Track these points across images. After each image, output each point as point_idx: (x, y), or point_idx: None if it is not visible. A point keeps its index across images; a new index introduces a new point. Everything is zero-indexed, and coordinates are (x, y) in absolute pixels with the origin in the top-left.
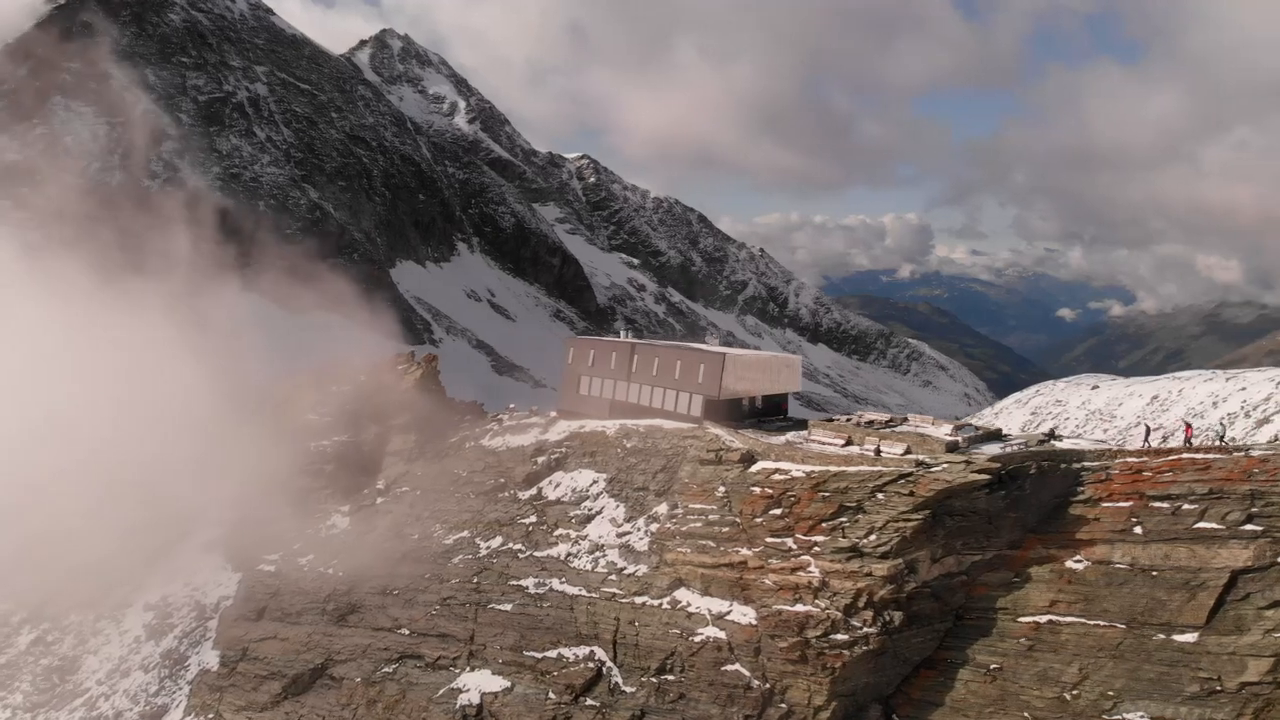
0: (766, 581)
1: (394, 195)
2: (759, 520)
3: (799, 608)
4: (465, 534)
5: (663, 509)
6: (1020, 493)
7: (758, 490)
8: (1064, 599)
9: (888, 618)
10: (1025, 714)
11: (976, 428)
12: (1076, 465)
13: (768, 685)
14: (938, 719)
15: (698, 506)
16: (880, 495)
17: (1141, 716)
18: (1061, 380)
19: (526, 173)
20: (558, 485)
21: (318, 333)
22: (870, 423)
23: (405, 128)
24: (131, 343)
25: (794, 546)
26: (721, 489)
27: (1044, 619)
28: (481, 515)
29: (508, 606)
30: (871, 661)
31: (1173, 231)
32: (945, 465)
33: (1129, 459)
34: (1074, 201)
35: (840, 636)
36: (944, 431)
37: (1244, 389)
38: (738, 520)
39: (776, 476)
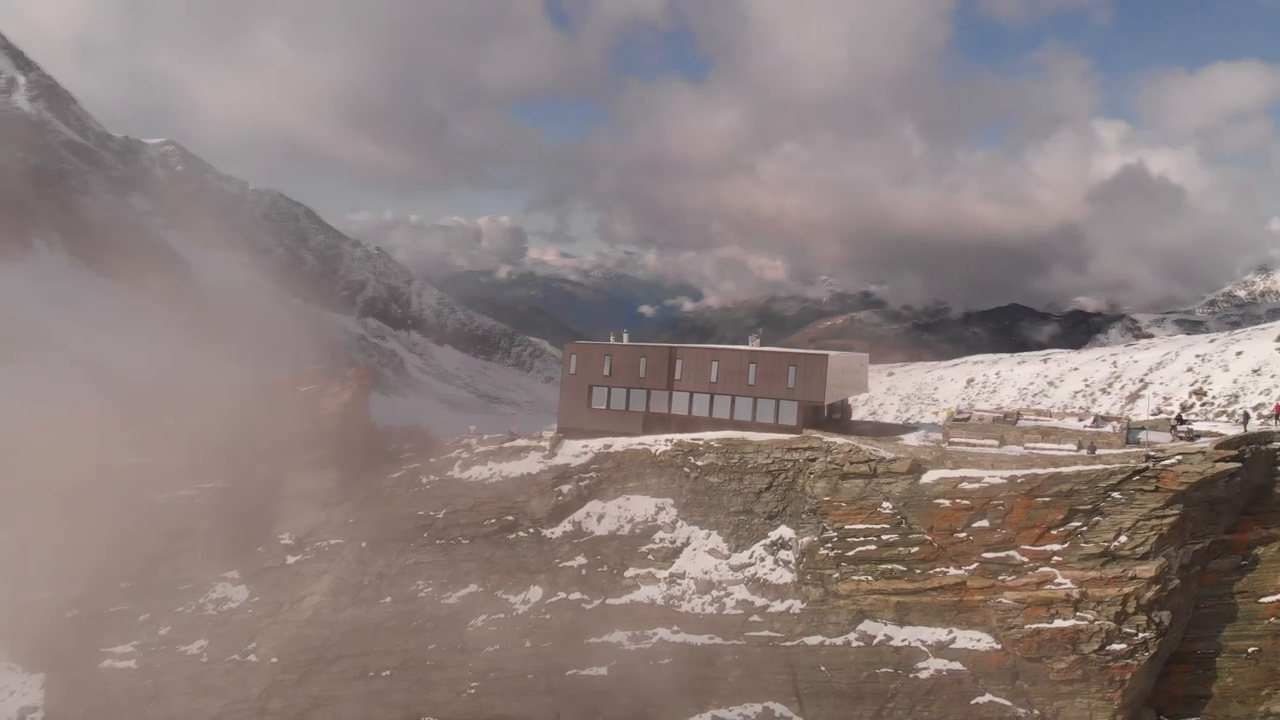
0: (1003, 601)
1: None
2: (961, 535)
3: (1059, 623)
4: (474, 588)
5: (785, 533)
6: (1245, 478)
7: (947, 503)
8: None
9: (1158, 619)
10: None
11: (1102, 418)
12: (1273, 446)
13: (1036, 712)
14: (1211, 710)
15: (860, 527)
16: (1116, 494)
17: None
18: None
19: (105, 159)
20: (602, 517)
21: None
22: (1005, 417)
23: None
24: None
25: (1024, 560)
26: (887, 505)
27: None
28: (493, 563)
29: (602, 670)
30: (1151, 666)
31: (731, 235)
32: (1180, 457)
33: None
34: (650, 207)
35: (1118, 646)
36: (1083, 424)
37: (1075, 369)
38: (928, 538)
39: (966, 485)
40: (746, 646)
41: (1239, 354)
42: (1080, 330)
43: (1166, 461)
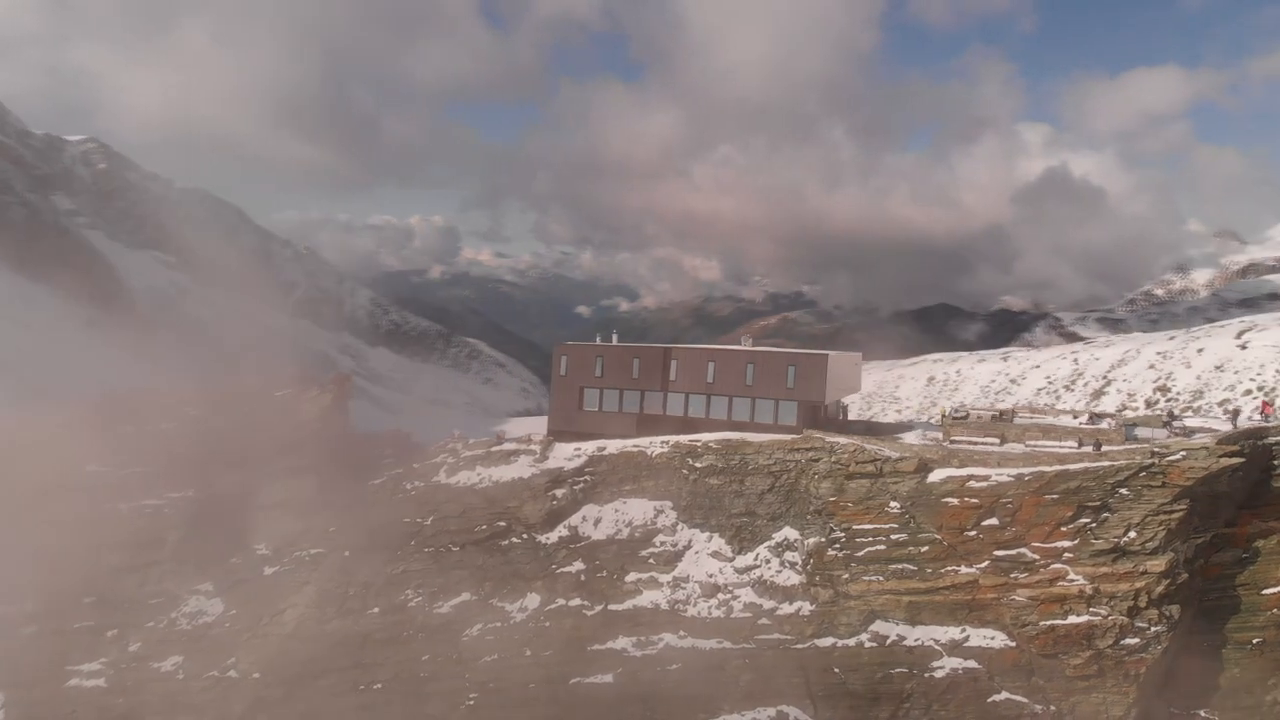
0: (1017, 598)
1: None
2: (971, 533)
3: (1073, 619)
4: (467, 596)
5: (790, 534)
6: (1244, 473)
7: (955, 501)
8: None
9: (1168, 613)
10: None
11: (1097, 414)
12: (1269, 441)
13: (1052, 708)
14: (1220, 701)
15: (868, 527)
16: (1124, 491)
17: None
18: None
19: (25, 157)
20: (598, 521)
21: None
22: (1001, 415)
23: None
24: None
25: (1036, 557)
26: (894, 504)
27: None
28: (486, 571)
29: (607, 678)
30: (1163, 660)
31: (666, 236)
32: (1185, 453)
33: None
34: (586, 208)
35: (1132, 641)
36: (1076, 421)
37: (1037, 366)
38: (938, 537)
39: (974, 484)
40: (757, 650)
41: (1200, 351)
42: (1006, 329)
43: (1172, 457)
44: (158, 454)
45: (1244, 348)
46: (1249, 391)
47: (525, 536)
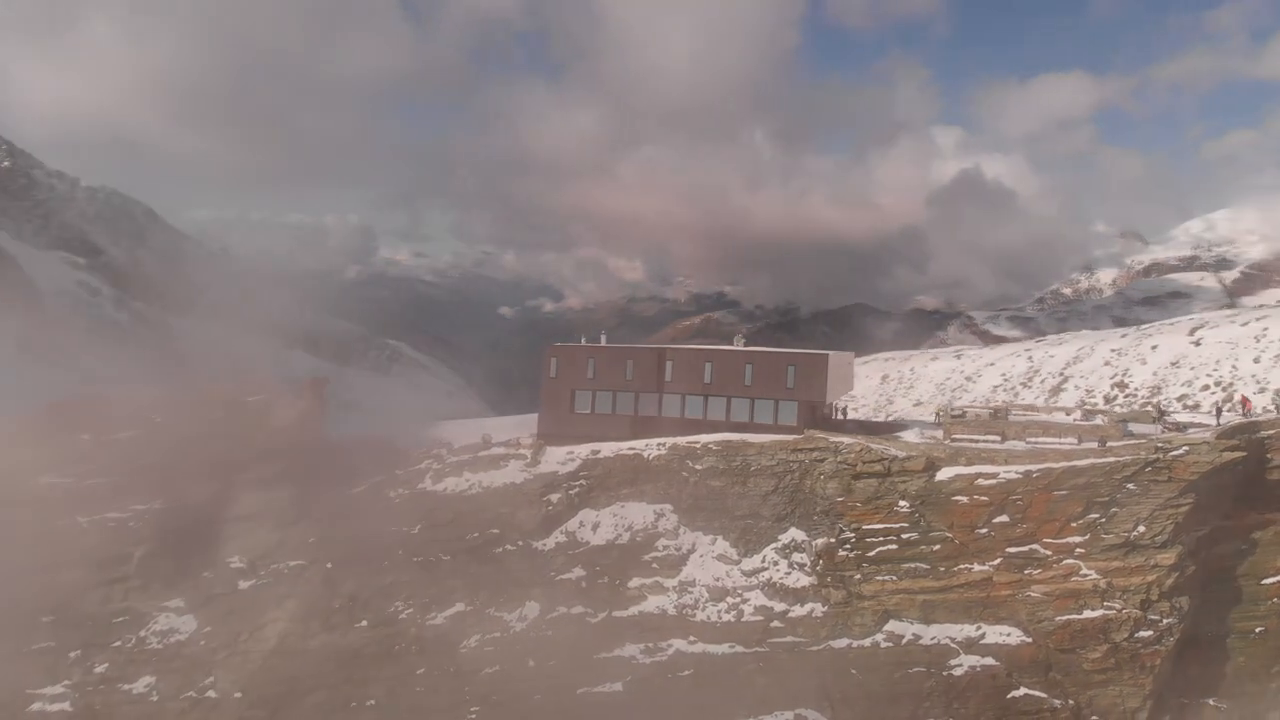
0: (1031, 594)
1: None
2: (983, 531)
3: (1089, 614)
4: (461, 607)
5: (797, 535)
6: (1243, 466)
7: (965, 499)
8: None
9: (1178, 605)
10: None
11: (1090, 411)
12: (1262, 435)
13: (1070, 702)
14: (1227, 690)
15: (878, 526)
16: (1131, 486)
17: None
18: None
19: None
20: (597, 526)
21: None
22: (995, 412)
23: None
24: None
25: (1048, 553)
26: (903, 503)
27: None
28: (480, 580)
29: (616, 686)
30: (1175, 651)
31: (591, 236)
32: (1188, 448)
33: None
34: (508, 207)
35: (1146, 634)
36: (1070, 418)
37: (992, 364)
38: (949, 535)
39: (983, 482)
40: (770, 653)
41: (1154, 348)
42: (921, 327)
43: (1175, 452)
44: (120, 464)
45: (1198, 344)
46: (1206, 387)
47: (520, 543)
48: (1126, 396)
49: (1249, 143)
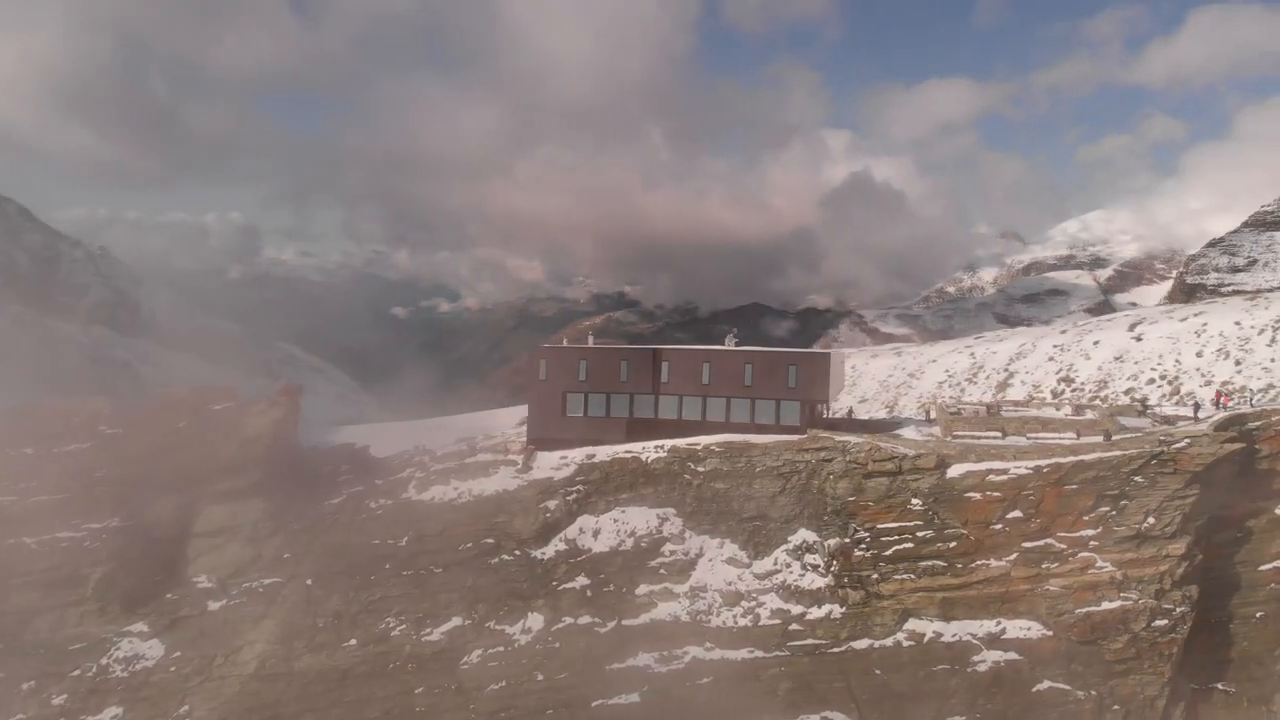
0: (1050, 588)
1: None
2: (997, 526)
3: (1107, 605)
4: (459, 621)
5: (808, 536)
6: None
7: (978, 496)
8: None
9: (1189, 594)
10: None
11: (1080, 406)
12: (1249, 427)
13: (1093, 693)
14: (1234, 674)
15: (891, 525)
16: (1138, 478)
17: None
18: None
19: None
20: (598, 532)
21: None
22: (989, 409)
23: None
24: None
25: (1063, 547)
26: (916, 501)
27: None
28: (477, 592)
29: (633, 697)
30: (1188, 638)
31: (488, 235)
32: (1189, 440)
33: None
34: (401, 206)
35: (1162, 623)
36: (1060, 414)
37: (934, 361)
38: (964, 532)
39: (994, 478)
40: (792, 657)
41: (1096, 344)
42: (815, 325)
43: (1178, 445)
44: (69, 479)
45: (1139, 339)
46: (1152, 380)
47: (518, 553)
48: (1073, 391)
49: (1123, 147)
